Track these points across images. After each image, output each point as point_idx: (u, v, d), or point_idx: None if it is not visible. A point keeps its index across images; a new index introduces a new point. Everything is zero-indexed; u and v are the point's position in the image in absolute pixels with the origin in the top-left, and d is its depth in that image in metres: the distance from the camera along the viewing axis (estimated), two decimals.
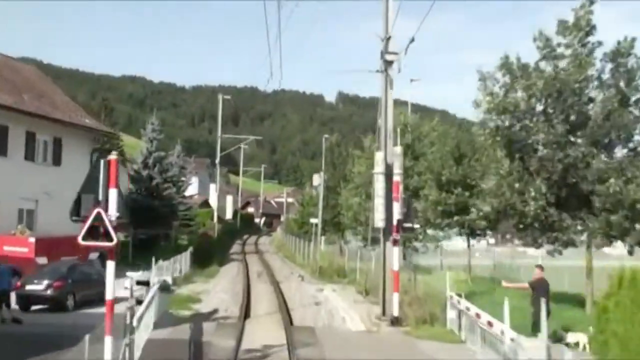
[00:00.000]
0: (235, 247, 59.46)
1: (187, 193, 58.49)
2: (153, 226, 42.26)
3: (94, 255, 30.80)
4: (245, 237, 79.39)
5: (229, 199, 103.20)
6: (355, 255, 34.42)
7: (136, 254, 38.97)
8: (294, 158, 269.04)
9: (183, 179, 57.90)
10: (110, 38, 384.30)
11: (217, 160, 54.11)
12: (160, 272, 28.79)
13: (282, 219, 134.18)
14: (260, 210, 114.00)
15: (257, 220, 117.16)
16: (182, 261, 33.38)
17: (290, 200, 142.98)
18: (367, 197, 35.15)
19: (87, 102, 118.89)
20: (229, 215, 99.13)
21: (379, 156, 19.06)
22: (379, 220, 18.58)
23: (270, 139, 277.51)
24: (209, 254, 41.18)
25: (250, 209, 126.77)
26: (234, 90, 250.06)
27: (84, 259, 28.97)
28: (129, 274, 15.39)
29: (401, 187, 18.43)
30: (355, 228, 37.82)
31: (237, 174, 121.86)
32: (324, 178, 49.29)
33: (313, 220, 42.38)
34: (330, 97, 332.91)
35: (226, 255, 47.37)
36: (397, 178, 18.34)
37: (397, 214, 17.94)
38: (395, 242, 18.14)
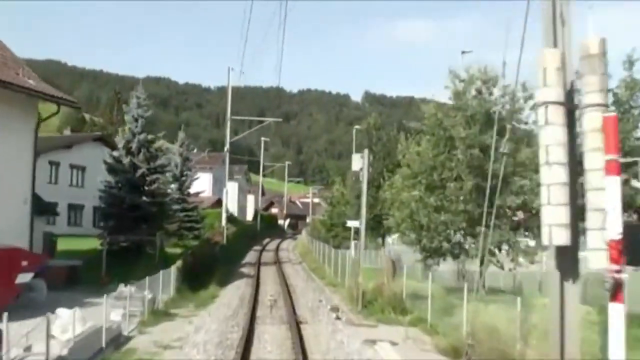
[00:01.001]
0: (251, 255, 47.95)
1: (192, 189, 47.30)
2: (137, 230, 31.18)
3: (25, 277, 19.63)
4: (265, 241, 67.97)
5: (250, 198, 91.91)
6: (412, 273, 22.86)
7: (113, 268, 27.72)
8: (319, 158, 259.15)
9: (188, 172, 46.79)
10: (134, 40, 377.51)
11: (227, 148, 42.72)
12: (120, 302, 17.72)
13: (308, 220, 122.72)
14: (285, 211, 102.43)
15: (281, 221, 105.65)
16: (167, 281, 22.21)
17: (316, 200, 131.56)
18: (429, 190, 23.53)
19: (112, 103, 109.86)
20: (250, 216, 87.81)
21: (552, 57, 7.18)
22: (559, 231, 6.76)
23: (296, 139, 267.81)
24: (208, 269, 29.93)
25: (274, 210, 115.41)
26: (259, 90, 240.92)
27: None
28: (59, 311, 12.75)
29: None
30: (407, 234, 26.15)
31: (259, 172, 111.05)
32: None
33: (351, 224, 30.55)
34: (356, 97, 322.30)
35: (235, 267, 35.97)
36: (604, 116, 6.57)
37: (615, 215, 6.15)
38: (619, 288, 6.37)
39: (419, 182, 23.50)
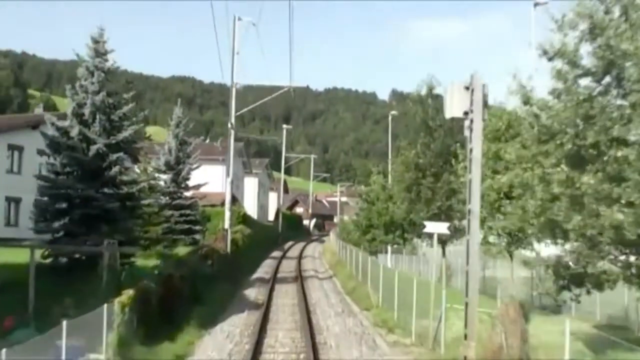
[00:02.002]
0: (266, 266, 36.62)
1: (192, 181, 36.36)
2: (95, 234, 20.33)
3: None
4: (288, 245, 56.81)
5: (272, 196, 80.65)
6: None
7: (47, 295, 16.78)
8: (346, 157, 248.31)
9: (186, 160, 35.83)
10: (159, 39, 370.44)
11: (231, 121, 31.36)
12: None
13: (336, 220, 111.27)
14: (310, 211, 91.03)
15: (306, 222, 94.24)
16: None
17: (343, 199, 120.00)
18: (578, 162, 12.07)
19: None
20: (272, 216, 76.68)
21: None
22: None
23: (322, 138, 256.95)
24: (193, 296, 18.88)
25: (299, 209, 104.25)
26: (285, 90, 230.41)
27: None
28: None
29: None
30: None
31: (285, 171, 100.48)
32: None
33: (434, 227, 17.17)
34: (383, 95, 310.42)
35: (239, 288, 24.64)
36: None
37: None
38: None
39: (559, 147, 12.10)
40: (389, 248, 41.13)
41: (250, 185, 68.83)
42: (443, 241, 29.54)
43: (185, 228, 33.39)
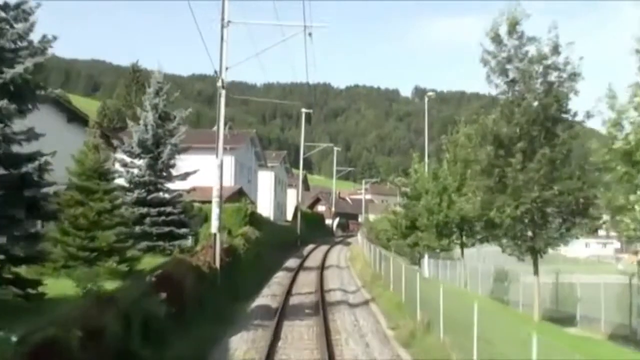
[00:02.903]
0: (276, 283, 26.40)
1: (177, 170, 26.65)
2: None
3: None
4: (308, 249, 47.05)
5: (291, 194, 70.79)
6: None
7: None
8: (369, 155, 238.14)
9: (169, 141, 26.07)
10: (179, 38, 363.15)
11: (221, 76, 21.20)
12: None
13: (360, 219, 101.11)
14: (333, 209, 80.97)
15: (328, 221, 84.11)
16: None
17: (368, 197, 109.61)
18: None
19: None
20: (290, 215, 66.87)
21: None
22: None
23: (344, 135, 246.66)
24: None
25: (321, 208, 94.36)
26: (305, 88, 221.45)
27: None
28: None
29: None
30: None
31: (306, 170, 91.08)
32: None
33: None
34: (406, 92, 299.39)
35: (213, 335, 14.90)
36: None
37: None
38: None
39: None
40: (425, 259, 31.17)
41: (265, 180, 59.08)
42: (536, 251, 19.39)
43: (164, 232, 23.70)
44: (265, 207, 58.31)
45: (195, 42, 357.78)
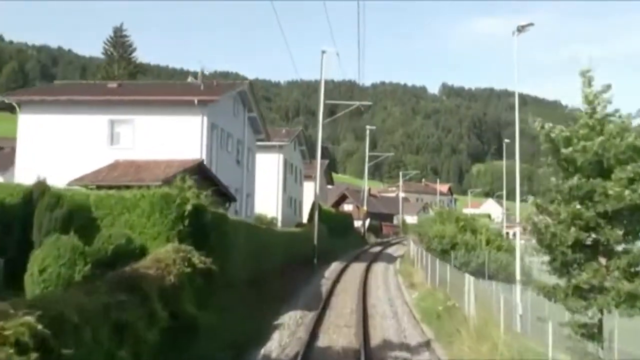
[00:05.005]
0: None
1: None
2: None
3: None
4: (331, 270, 27.17)
5: (308, 187, 49.77)
6: None
7: None
8: (396, 152, 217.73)
9: None
10: (203, 36, 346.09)
11: None
12: None
13: (396, 221, 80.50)
14: (365, 208, 60.25)
15: (357, 223, 63.46)
16: None
17: (402, 195, 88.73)
18: None
19: None
20: (306, 214, 46.74)
21: None
22: None
23: (370, 132, 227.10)
24: None
25: (348, 207, 74.17)
26: (331, 85, 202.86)
27: None
28: None
29: None
30: None
31: (335, 171, 71.78)
32: None
33: None
34: (433, 89, 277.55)
35: None
36: None
37: None
38: None
39: None
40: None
41: (269, 165, 39.22)
42: None
43: None
44: (268, 204, 38.56)
45: (218, 38, 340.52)
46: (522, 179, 27.61)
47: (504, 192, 65.76)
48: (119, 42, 61.93)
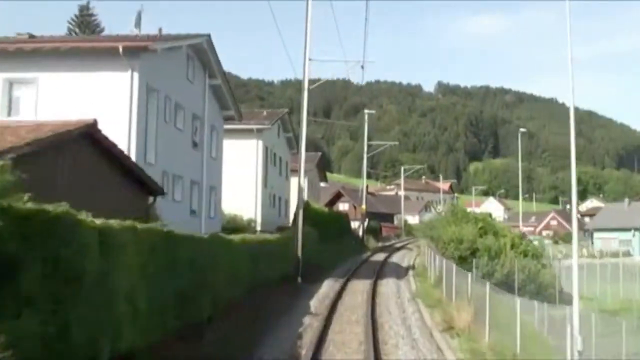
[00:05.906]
0: None
1: None
2: None
3: None
4: (321, 289, 18.96)
5: (296, 183, 41.04)
6: None
7: None
8: (392, 151, 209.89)
9: None
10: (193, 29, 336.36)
11: None
12: None
13: (396, 221, 72.09)
14: (363, 206, 51.62)
15: (354, 224, 54.86)
16: None
17: (402, 193, 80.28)
18: None
19: None
20: (294, 215, 38.10)
21: None
22: None
23: (368, 132, 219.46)
24: None
25: (343, 206, 65.72)
26: (325, 84, 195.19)
27: None
28: None
29: None
30: None
31: (329, 169, 63.46)
32: None
33: None
34: (429, 87, 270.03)
35: None
36: None
37: None
38: None
39: None
40: None
41: (246, 152, 30.89)
42: None
43: None
44: (244, 203, 30.17)
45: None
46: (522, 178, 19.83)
47: (520, 191, 57.63)
48: (85, 22, 53.51)
